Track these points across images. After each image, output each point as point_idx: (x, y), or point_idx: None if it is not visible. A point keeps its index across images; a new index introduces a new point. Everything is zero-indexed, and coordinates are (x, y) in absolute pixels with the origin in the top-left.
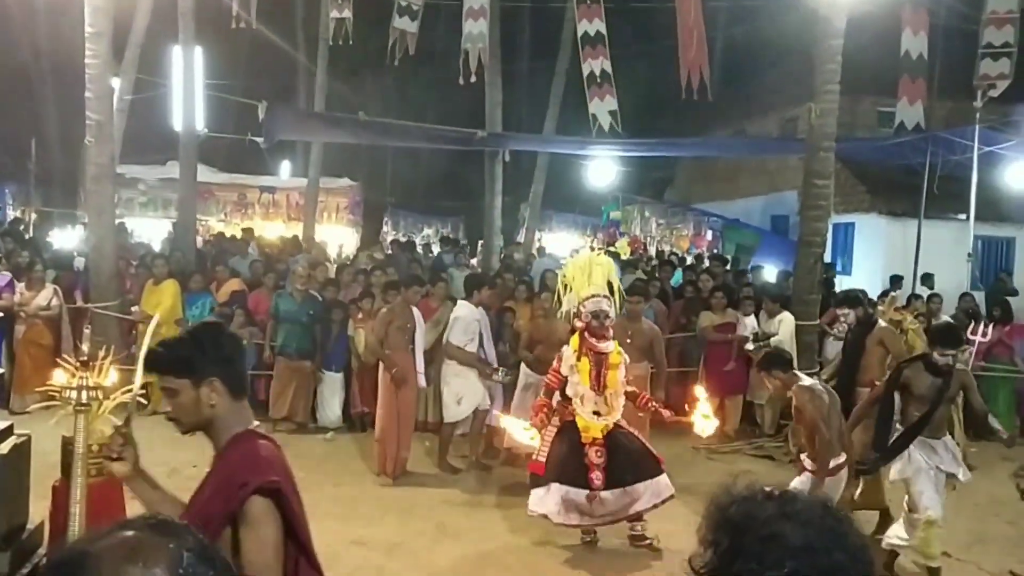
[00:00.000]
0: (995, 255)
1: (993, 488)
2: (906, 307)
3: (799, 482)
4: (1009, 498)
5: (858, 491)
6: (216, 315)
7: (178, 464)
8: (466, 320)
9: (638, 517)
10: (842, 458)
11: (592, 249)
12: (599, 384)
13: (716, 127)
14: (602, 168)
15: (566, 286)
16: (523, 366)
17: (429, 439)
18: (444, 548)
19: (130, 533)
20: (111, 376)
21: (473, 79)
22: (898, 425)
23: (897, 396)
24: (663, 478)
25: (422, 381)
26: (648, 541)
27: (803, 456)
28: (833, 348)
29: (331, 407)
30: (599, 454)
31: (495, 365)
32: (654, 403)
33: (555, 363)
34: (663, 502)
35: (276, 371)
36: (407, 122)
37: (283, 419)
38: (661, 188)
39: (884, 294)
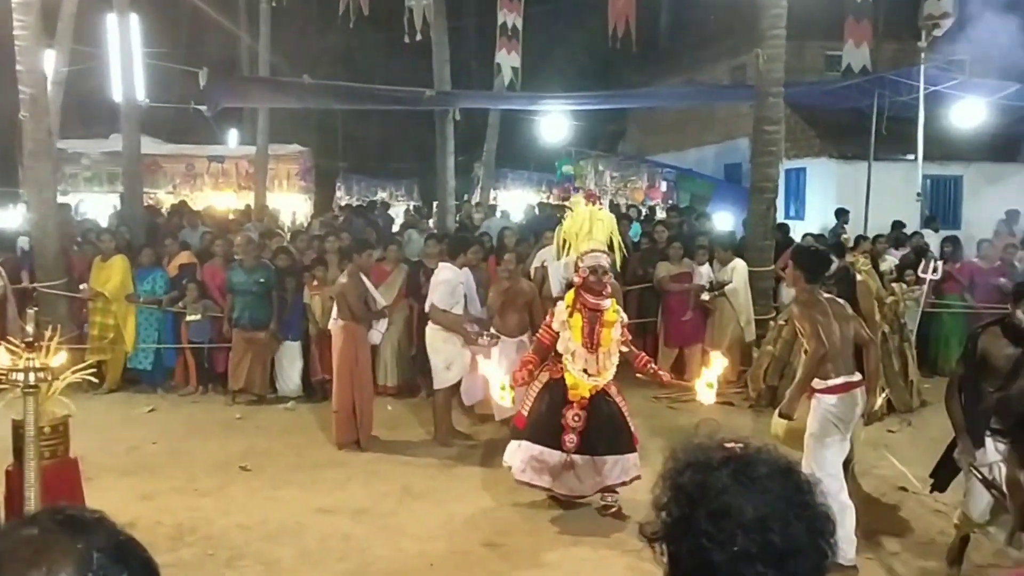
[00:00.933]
0: (944, 193)
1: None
2: (855, 248)
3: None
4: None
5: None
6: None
7: (137, 442)
8: (451, 283)
9: (610, 490)
10: (855, 377)
11: (549, 205)
12: (592, 342)
13: (667, 77)
14: (554, 123)
15: (565, 241)
16: (492, 328)
17: (391, 403)
18: (410, 510)
19: (34, 531)
20: (60, 356)
21: (419, 37)
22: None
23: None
24: (634, 456)
25: (376, 338)
26: (614, 509)
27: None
28: (788, 293)
29: (290, 376)
30: (576, 418)
31: (480, 328)
32: (653, 365)
33: (547, 318)
34: (630, 481)
35: (233, 343)
36: (353, 83)
37: (241, 391)
38: (614, 141)
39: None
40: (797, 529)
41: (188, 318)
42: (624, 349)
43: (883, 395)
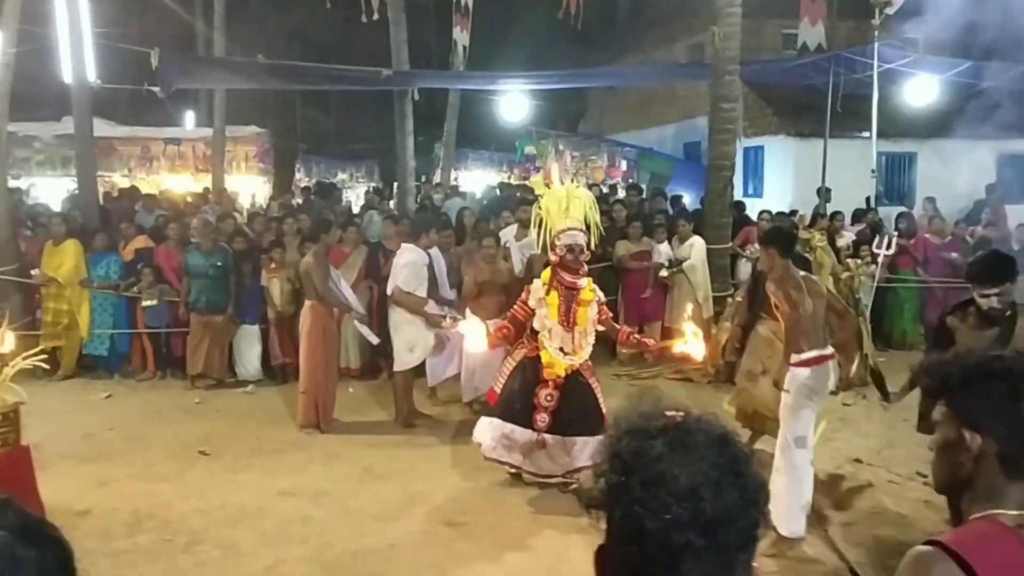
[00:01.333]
0: (898, 170)
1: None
2: (812, 225)
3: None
4: (915, 404)
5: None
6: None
7: (94, 428)
8: (415, 265)
9: (576, 471)
10: (827, 351)
11: (510, 185)
12: (568, 320)
13: (625, 56)
14: (515, 103)
15: (541, 219)
16: (467, 311)
17: (352, 385)
18: (371, 492)
19: None
20: (9, 342)
21: (376, 16)
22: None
23: None
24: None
25: (373, 339)
26: (575, 486)
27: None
28: (745, 270)
29: (249, 360)
30: (549, 398)
31: (448, 310)
32: (636, 336)
33: (523, 295)
34: None
35: (191, 327)
36: (309, 63)
37: (200, 375)
38: (574, 121)
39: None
40: (730, 498)
41: (144, 303)
42: (602, 328)
43: (856, 362)
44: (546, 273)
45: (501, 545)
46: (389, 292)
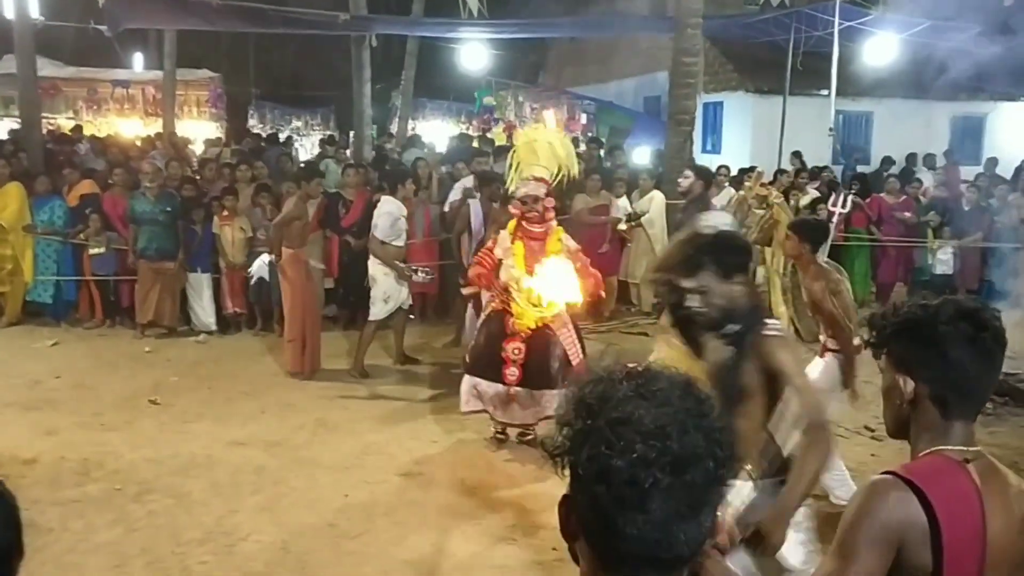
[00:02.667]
0: (855, 129)
1: None
2: (772, 182)
3: (822, 364)
4: (865, 359)
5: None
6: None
7: (40, 376)
8: (392, 215)
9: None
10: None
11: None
12: (534, 272)
13: (587, 7)
14: (474, 52)
15: (514, 164)
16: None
17: None
18: (324, 442)
19: None
20: None
21: None
22: None
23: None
24: None
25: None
26: (531, 437)
27: (824, 339)
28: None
29: (204, 309)
30: (517, 351)
31: (421, 267)
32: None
33: (489, 243)
34: None
35: (139, 275)
36: (264, 5)
37: (151, 324)
38: (534, 72)
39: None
40: (695, 439)
41: (92, 252)
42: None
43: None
44: (512, 223)
45: (457, 495)
46: (369, 241)
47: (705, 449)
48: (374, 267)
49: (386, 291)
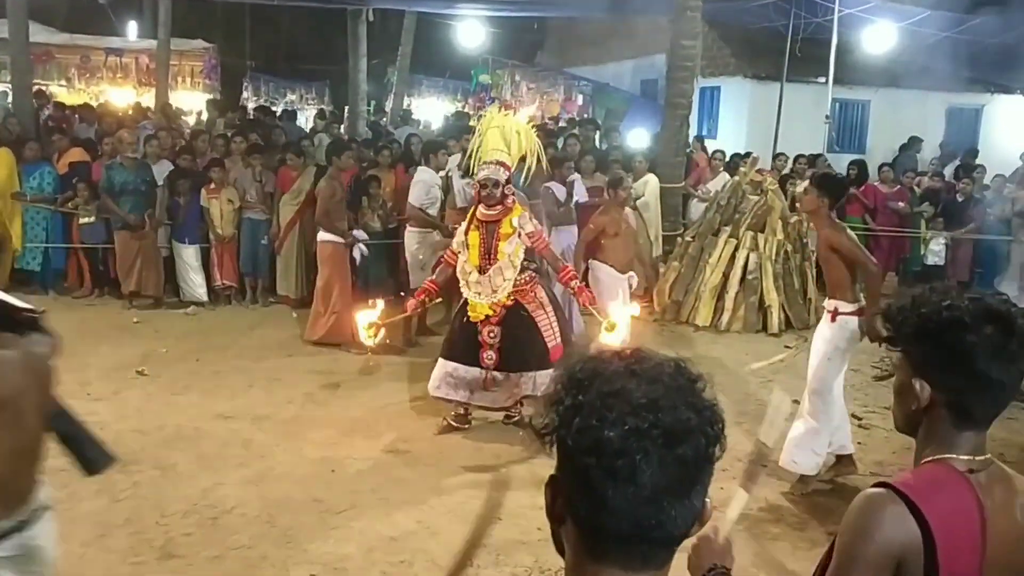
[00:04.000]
0: (851, 118)
1: None
2: (768, 169)
3: (828, 329)
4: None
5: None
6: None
7: None
8: (426, 184)
9: (519, 403)
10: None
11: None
12: (489, 259)
13: None
14: (471, 30)
15: (475, 148)
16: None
17: (297, 312)
18: (312, 417)
19: None
20: None
21: None
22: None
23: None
24: (550, 372)
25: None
26: (516, 418)
27: (831, 302)
28: (697, 210)
29: (194, 281)
30: (492, 334)
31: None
32: (577, 282)
33: (453, 243)
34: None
35: (118, 245)
36: None
37: (135, 294)
38: (532, 51)
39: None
40: (686, 414)
41: (81, 221)
42: (526, 264)
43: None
44: (471, 211)
45: (443, 473)
46: (407, 208)
47: (697, 425)
48: (409, 237)
49: (422, 259)
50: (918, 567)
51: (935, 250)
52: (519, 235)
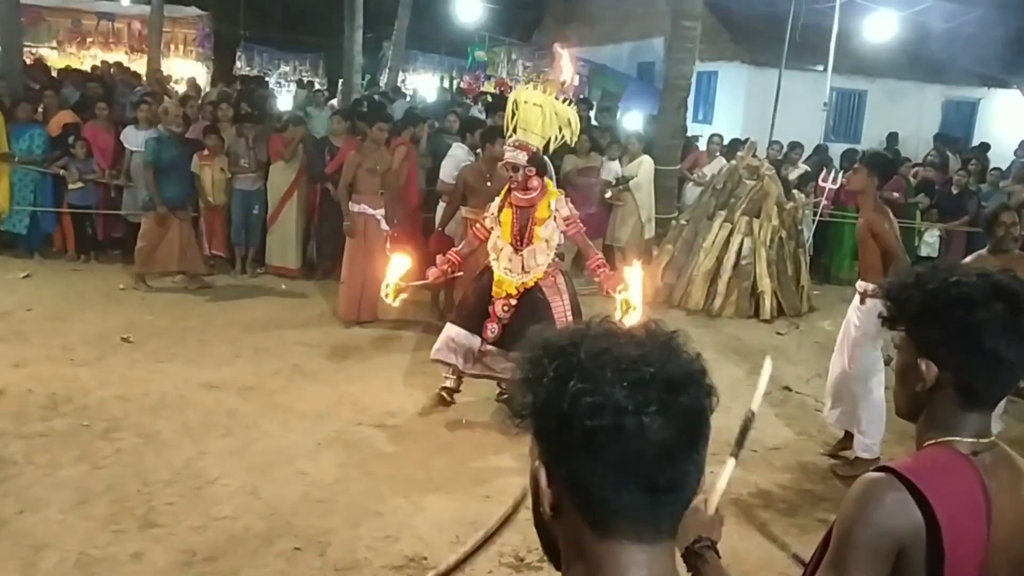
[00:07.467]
0: (848, 107)
1: (833, 329)
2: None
3: (857, 313)
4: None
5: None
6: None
7: (10, 308)
8: (457, 159)
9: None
10: None
11: (460, 92)
12: (521, 240)
13: None
14: (470, 5)
15: (509, 121)
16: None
17: (286, 283)
18: (299, 388)
19: None
20: None
21: None
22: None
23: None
24: None
25: (383, 225)
26: (507, 396)
27: (862, 283)
28: (692, 193)
29: None
30: (506, 308)
31: None
32: (605, 270)
33: (483, 216)
34: None
35: (149, 225)
36: None
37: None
38: (529, 30)
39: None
40: (679, 363)
41: (71, 186)
42: (558, 250)
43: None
44: (505, 189)
45: (429, 448)
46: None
47: (693, 371)
48: (441, 211)
49: (453, 233)
50: (920, 552)
51: (929, 241)
52: (554, 218)
